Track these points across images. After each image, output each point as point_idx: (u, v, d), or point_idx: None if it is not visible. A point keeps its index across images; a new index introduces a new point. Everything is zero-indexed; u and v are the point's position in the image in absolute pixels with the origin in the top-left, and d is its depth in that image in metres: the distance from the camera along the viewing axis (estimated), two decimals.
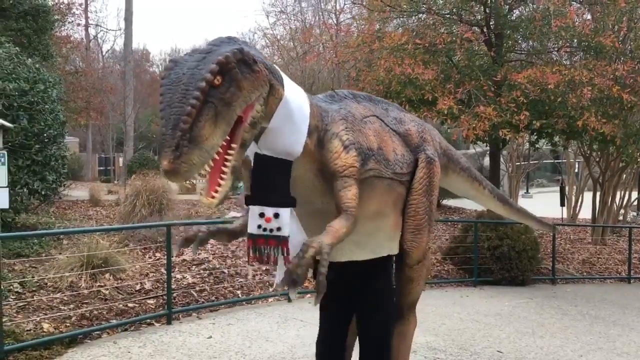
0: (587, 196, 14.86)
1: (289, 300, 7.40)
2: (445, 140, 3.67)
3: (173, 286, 6.51)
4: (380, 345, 3.14)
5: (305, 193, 2.67)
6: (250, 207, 2.57)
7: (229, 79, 2.13)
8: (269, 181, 2.52)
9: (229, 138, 2.20)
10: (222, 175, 2.19)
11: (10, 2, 12.62)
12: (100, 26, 31.87)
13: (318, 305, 2.82)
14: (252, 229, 2.57)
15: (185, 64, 2.15)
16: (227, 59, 2.12)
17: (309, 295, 7.34)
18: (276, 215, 2.52)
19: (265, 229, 2.54)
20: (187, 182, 2.16)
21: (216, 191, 2.19)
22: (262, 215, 2.53)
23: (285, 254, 2.54)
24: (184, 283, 7.27)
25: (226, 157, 2.21)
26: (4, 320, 4.99)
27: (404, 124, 3.19)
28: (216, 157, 2.15)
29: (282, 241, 2.53)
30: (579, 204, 15.54)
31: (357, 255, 3.05)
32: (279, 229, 2.53)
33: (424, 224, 3.16)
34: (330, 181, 2.65)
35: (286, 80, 2.50)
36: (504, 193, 4.10)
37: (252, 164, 2.55)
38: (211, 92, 2.08)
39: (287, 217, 2.53)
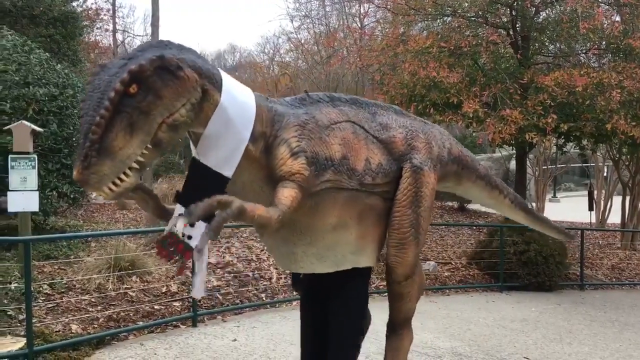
0: (617, 200, 14.60)
1: None
2: (459, 145, 3.50)
3: None
4: (346, 354, 3.05)
5: (255, 198, 2.54)
6: (177, 204, 2.49)
7: (145, 87, 2.05)
8: (201, 190, 2.37)
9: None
10: (126, 171, 2.07)
11: (41, 9, 12.89)
12: (128, 32, 32.24)
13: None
14: (169, 225, 2.48)
15: (110, 70, 2.08)
16: (140, 67, 2.03)
17: None
18: (192, 225, 2.43)
19: (177, 230, 2.46)
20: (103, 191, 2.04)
21: (115, 184, 2.05)
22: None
23: (185, 263, 2.49)
24: (209, 286, 7.32)
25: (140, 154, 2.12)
26: (33, 321, 5.08)
27: (390, 130, 2.98)
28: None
29: (187, 250, 2.45)
30: (607, 208, 15.25)
31: (317, 267, 2.93)
32: (189, 237, 2.45)
33: (409, 239, 2.97)
34: None
35: (229, 84, 2.39)
36: (526, 202, 3.97)
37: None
38: (125, 102, 2.01)
39: (202, 231, 2.39)
